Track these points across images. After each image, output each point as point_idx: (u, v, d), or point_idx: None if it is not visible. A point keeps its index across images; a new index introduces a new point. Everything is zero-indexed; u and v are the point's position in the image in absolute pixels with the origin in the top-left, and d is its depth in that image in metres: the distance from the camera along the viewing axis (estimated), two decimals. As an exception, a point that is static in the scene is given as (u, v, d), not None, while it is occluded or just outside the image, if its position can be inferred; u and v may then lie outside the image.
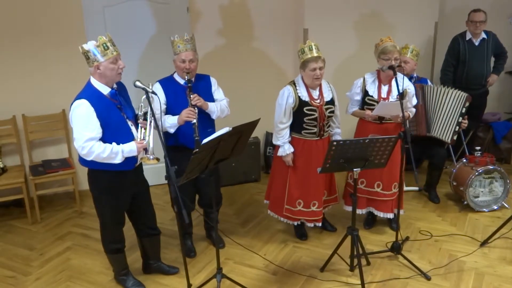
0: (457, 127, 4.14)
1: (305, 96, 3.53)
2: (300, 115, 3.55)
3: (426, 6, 5.24)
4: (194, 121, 3.29)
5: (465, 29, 4.92)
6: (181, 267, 3.41)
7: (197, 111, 3.32)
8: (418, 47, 4.31)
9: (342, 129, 3.82)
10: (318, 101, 3.56)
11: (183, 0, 4.72)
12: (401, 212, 3.93)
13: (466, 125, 4.22)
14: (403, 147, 3.34)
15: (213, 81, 3.62)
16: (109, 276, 3.49)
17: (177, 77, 3.49)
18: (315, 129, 3.59)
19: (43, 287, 3.42)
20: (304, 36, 4.95)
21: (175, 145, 3.48)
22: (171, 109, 3.44)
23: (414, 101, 3.81)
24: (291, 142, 3.62)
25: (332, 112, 3.62)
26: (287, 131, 3.59)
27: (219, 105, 3.53)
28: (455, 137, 4.21)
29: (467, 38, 4.89)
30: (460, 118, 4.13)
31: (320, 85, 3.59)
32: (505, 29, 5.39)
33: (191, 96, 3.34)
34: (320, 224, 3.84)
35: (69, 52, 4.39)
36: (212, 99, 3.55)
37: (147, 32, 4.68)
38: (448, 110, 4.18)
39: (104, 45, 2.79)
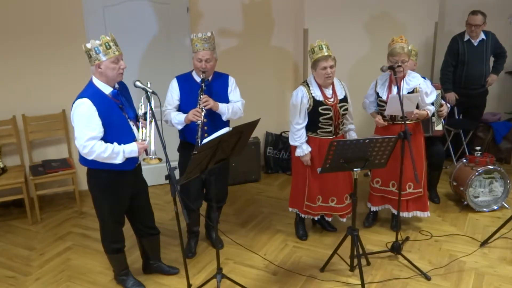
0: (433, 118, 4.12)
1: (319, 96, 3.54)
2: (315, 115, 3.56)
3: (426, 6, 5.24)
4: (199, 122, 3.29)
5: (465, 29, 4.92)
6: (181, 267, 3.41)
7: (204, 112, 3.31)
8: (418, 47, 4.31)
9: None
10: (332, 99, 3.57)
11: (183, 0, 4.72)
12: (427, 214, 3.94)
13: (443, 111, 4.16)
14: (402, 147, 3.34)
15: (231, 81, 3.58)
16: (109, 276, 3.49)
17: (195, 75, 3.50)
18: (331, 128, 3.60)
19: (43, 287, 3.42)
20: (304, 37, 4.95)
21: (183, 140, 3.55)
22: (184, 106, 3.46)
23: (431, 99, 3.73)
24: (307, 142, 3.62)
25: (346, 109, 3.64)
26: (303, 131, 3.59)
27: (232, 107, 3.49)
28: (437, 128, 4.19)
29: (465, 39, 4.89)
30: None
31: (332, 84, 3.60)
32: (505, 29, 5.39)
33: (201, 97, 3.34)
34: (344, 220, 3.84)
35: (69, 52, 4.40)
36: (226, 100, 3.53)
37: (147, 32, 4.68)
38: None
39: (106, 44, 2.80)
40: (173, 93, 3.47)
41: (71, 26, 4.43)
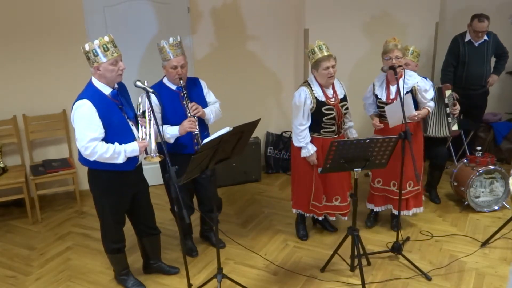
0: (449, 118, 4.12)
1: (321, 96, 3.55)
2: (318, 115, 3.56)
3: (427, 6, 5.23)
4: (196, 131, 3.26)
5: (466, 29, 4.90)
6: (182, 267, 3.41)
7: (197, 120, 3.29)
8: (418, 47, 4.30)
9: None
10: (334, 99, 3.58)
11: (184, 0, 4.72)
12: (421, 209, 3.96)
13: (457, 110, 4.20)
14: (403, 147, 3.34)
15: (203, 83, 3.57)
16: (109, 276, 3.49)
17: (167, 82, 3.42)
18: (334, 127, 3.61)
19: (43, 287, 3.42)
20: (305, 37, 4.95)
21: (171, 151, 3.35)
22: (166, 116, 3.35)
23: (430, 95, 3.74)
24: (311, 142, 3.63)
25: (347, 108, 3.65)
26: (307, 132, 3.59)
27: (214, 110, 3.50)
28: (454, 128, 4.20)
29: (466, 39, 4.87)
30: (447, 108, 4.11)
31: (332, 84, 3.61)
32: (505, 29, 5.38)
33: (189, 105, 3.29)
34: (346, 218, 3.86)
35: (69, 52, 4.40)
36: (205, 103, 3.51)
37: (147, 32, 4.67)
38: (436, 107, 4.17)
39: (104, 46, 2.79)
40: (153, 106, 3.34)
41: (71, 26, 4.43)
